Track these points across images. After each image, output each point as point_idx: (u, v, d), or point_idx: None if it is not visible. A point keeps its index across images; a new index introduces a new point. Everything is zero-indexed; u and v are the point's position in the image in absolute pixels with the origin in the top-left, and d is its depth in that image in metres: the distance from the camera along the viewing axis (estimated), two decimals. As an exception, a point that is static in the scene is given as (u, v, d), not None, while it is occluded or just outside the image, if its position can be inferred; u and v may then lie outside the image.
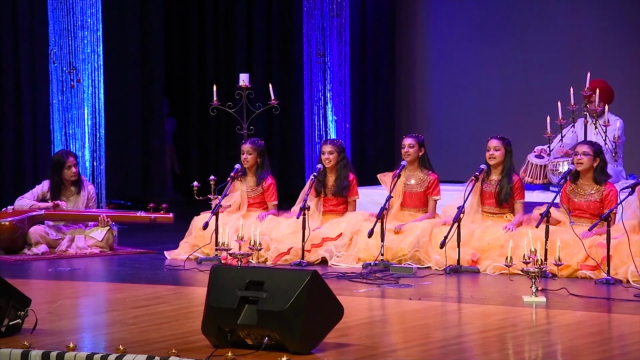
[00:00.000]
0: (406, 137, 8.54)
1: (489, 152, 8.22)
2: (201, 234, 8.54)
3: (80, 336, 5.76)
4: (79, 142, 9.70)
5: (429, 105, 12.99)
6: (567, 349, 5.43)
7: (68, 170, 9.06)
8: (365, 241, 8.14)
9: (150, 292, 7.07)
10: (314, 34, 11.85)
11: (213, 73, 13.34)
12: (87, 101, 9.70)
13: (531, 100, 12.01)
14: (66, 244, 8.94)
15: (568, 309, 6.39)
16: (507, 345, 5.53)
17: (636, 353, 5.27)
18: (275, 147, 12.97)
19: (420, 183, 8.46)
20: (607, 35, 11.92)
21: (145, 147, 13.03)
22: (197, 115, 13.51)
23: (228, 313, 5.16)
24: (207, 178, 8.87)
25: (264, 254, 8.30)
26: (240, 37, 13.31)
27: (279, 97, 9.67)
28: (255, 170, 8.82)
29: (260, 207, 8.79)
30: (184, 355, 5.03)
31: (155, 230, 9.83)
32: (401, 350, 5.38)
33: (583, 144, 8.01)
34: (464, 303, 6.78)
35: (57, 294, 7.07)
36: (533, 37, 12.26)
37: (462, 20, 12.72)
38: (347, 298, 6.44)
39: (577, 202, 7.90)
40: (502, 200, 8.17)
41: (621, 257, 7.36)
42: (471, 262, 7.89)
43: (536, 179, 9.23)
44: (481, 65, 12.59)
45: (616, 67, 11.57)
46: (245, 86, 9.48)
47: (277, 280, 5.19)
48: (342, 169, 8.57)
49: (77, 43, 9.67)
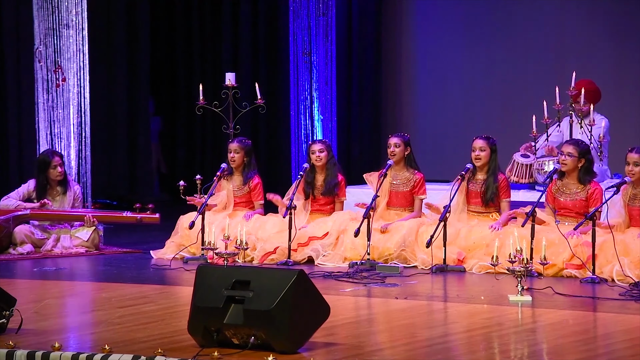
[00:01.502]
0: (392, 137, 8.55)
1: (474, 152, 8.24)
2: (187, 233, 8.53)
3: (65, 336, 5.74)
4: (65, 141, 9.67)
5: (415, 105, 13.00)
6: (553, 347, 5.45)
7: (54, 170, 9.03)
8: (352, 240, 8.14)
9: (136, 291, 7.06)
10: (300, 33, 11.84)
11: (199, 72, 13.32)
12: (72, 100, 9.66)
13: (517, 100, 12.04)
14: (51, 243, 8.92)
15: (553, 308, 6.41)
16: (493, 344, 5.55)
17: (621, 352, 5.29)
18: (262, 147, 12.95)
19: (406, 182, 8.47)
20: (593, 35, 11.95)
21: (131, 147, 13.00)
22: (183, 115, 13.48)
23: (214, 312, 5.16)
24: (193, 177, 8.86)
25: (250, 254, 8.29)
26: (226, 36, 13.30)
27: (265, 96, 9.66)
28: (241, 169, 8.81)
29: (246, 207, 8.78)
30: (170, 355, 5.02)
31: (141, 229, 9.81)
32: (387, 349, 5.39)
33: (569, 144, 8.03)
34: (450, 302, 6.79)
35: (42, 293, 7.05)
36: (518, 36, 12.29)
37: (447, 20, 12.74)
38: (334, 297, 6.45)
39: (563, 201, 7.93)
40: (488, 200, 8.18)
41: (606, 256, 7.39)
42: (457, 261, 7.90)
43: (522, 178, 9.26)
44: (467, 64, 12.61)
45: (601, 67, 11.60)
46: (232, 85, 9.47)
47: (263, 279, 5.19)
48: (331, 168, 8.58)
49: (62, 42, 9.64)
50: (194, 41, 13.50)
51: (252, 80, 11.06)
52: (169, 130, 13.83)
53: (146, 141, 13.19)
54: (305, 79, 11.99)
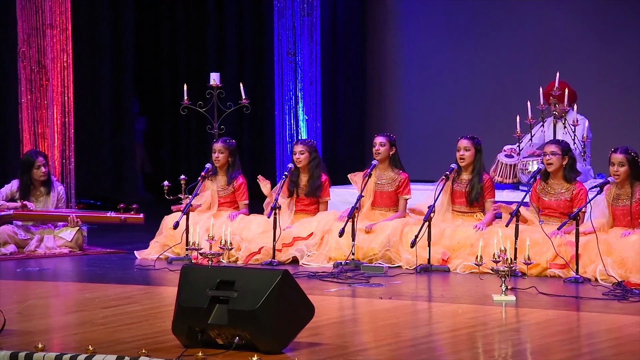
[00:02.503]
0: (377, 136, 8.56)
1: (459, 152, 8.26)
2: (172, 234, 8.51)
3: (49, 336, 5.72)
4: (49, 141, 9.64)
5: (399, 105, 13.02)
6: (537, 347, 5.46)
7: (37, 170, 9.00)
8: (336, 240, 8.14)
9: (120, 292, 7.04)
10: (284, 34, 11.85)
11: (184, 72, 13.30)
12: (56, 100, 9.63)
13: (501, 100, 12.07)
14: (35, 244, 8.89)
15: (537, 307, 6.43)
16: (477, 343, 5.56)
17: (604, 351, 5.31)
18: (246, 147, 12.95)
19: (391, 182, 8.48)
20: (576, 36, 12.00)
21: (115, 147, 12.96)
22: (168, 115, 13.46)
23: (198, 313, 5.15)
24: (177, 177, 8.85)
25: (235, 254, 8.29)
26: (211, 36, 13.29)
27: (249, 96, 9.65)
28: (226, 169, 8.80)
29: (231, 207, 8.77)
30: (154, 355, 5.01)
31: (125, 229, 9.79)
32: (372, 349, 5.39)
33: (550, 143, 8.07)
34: (435, 302, 6.81)
35: (25, 294, 7.02)
36: (503, 37, 12.33)
37: (432, 20, 12.77)
38: (318, 297, 6.45)
39: (547, 201, 7.95)
40: (472, 200, 8.20)
41: (590, 256, 7.41)
42: (441, 261, 7.92)
43: (506, 178, 9.29)
44: (451, 65, 12.64)
45: (584, 68, 11.66)
46: (216, 85, 9.46)
47: (247, 279, 5.18)
48: (314, 169, 8.57)
49: (46, 42, 9.60)
50: (179, 41, 13.47)
51: (236, 80, 11.04)
52: (154, 130, 13.80)
53: (130, 141, 13.16)
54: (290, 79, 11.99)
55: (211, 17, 13.29)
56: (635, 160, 7.51)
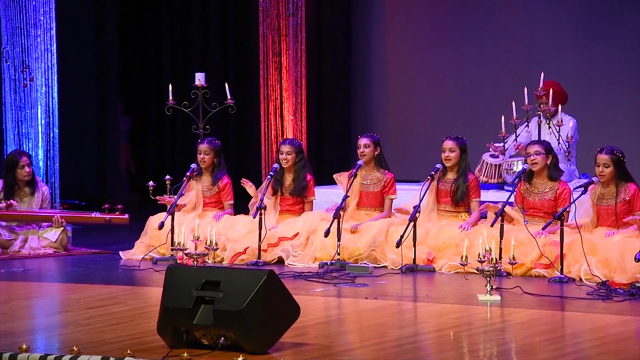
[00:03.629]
0: (362, 137, 8.56)
1: (444, 153, 8.27)
2: (157, 234, 8.49)
3: (33, 337, 5.70)
4: (32, 141, 9.60)
5: (384, 105, 13.03)
6: (521, 346, 5.48)
7: (21, 170, 8.97)
8: (322, 240, 8.14)
9: (105, 292, 7.02)
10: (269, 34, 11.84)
11: (169, 72, 13.27)
12: (40, 100, 9.60)
13: (486, 100, 12.10)
14: (19, 244, 8.85)
15: (522, 307, 6.45)
16: (462, 343, 5.57)
17: (588, 350, 5.33)
18: (231, 147, 12.94)
19: (377, 182, 8.49)
20: (561, 36, 12.04)
21: (100, 147, 12.93)
22: (153, 115, 13.43)
23: (184, 313, 5.14)
24: (162, 178, 8.83)
25: (220, 254, 8.28)
26: (196, 36, 13.26)
27: (235, 96, 9.64)
28: (211, 170, 8.79)
29: (216, 207, 8.76)
30: (139, 356, 5.00)
31: (110, 230, 9.76)
32: (357, 349, 5.40)
33: (533, 144, 8.12)
34: (420, 302, 6.82)
35: (10, 294, 6.99)
36: (487, 37, 12.36)
37: (417, 21, 12.79)
38: (304, 297, 6.45)
39: (532, 201, 7.98)
40: (458, 200, 8.22)
41: (574, 256, 7.44)
42: (427, 261, 7.93)
43: (491, 178, 9.31)
44: (436, 65, 12.66)
45: (569, 68, 11.69)
46: (201, 85, 9.44)
47: (233, 280, 5.18)
48: (300, 170, 8.57)
49: (30, 41, 9.57)
50: (164, 41, 13.45)
51: (222, 80, 11.03)
52: (139, 130, 13.77)
53: (115, 141, 13.13)
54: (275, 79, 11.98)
55: (196, 17, 13.26)
56: (620, 161, 7.54)
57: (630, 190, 7.55)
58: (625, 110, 11.73)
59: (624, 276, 7.10)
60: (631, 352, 5.24)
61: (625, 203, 7.55)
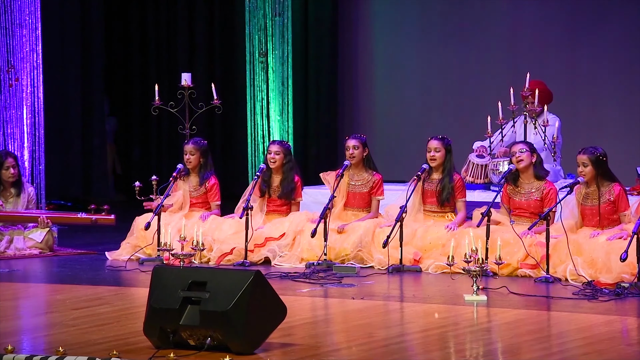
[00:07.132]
0: (350, 139, 8.55)
1: (429, 153, 8.28)
2: (143, 234, 8.48)
3: (19, 338, 5.68)
4: (18, 142, 9.57)
5: (371, 105, 13.05)
6: (508, 346, 5.50)
7: (6, 171, 8.93)
8: (309, 241, 8.14)
9: (91, 293, 7.01)
10: (256, 34, 11.84)
11: (155, 72, 13.25)
12: (26, 100, 9.57)
13: (472, 100, 12.13)
14: (4, 245, 8.82)
15: (508, 307, 6.47)
16: (449, 343, 5.58)
17: (574, 350, 5.35)
18: (218, 147, 12.92)
19: (365, 183, 8.49)
20: (546, 37, 12.08)
21: (85, 147, 12.89)
22: (139, 115, 13.40)
23: (170, 314, 5.13)
24: (149, 178, 8.81)
25: (207, 254, 8.27)
26: (182, 36, 13.25)
27: (221, 96, 9.63)
28: (198, 170, 8.78)
29: (202, 207, 8.75)
30: (126, 357, 4.99)
31: (96, 230, 9.73)
32: (344, 350, 5.40)
33: (517, 143, 8.16)
34: (406, 302, 6.83)
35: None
36: (473, 37, 12.39)
37: (403, 20, 12.81)
38: (291, 298, 6.45)
39: (518, 201, 8.00)
40: (443, 200, 8.23)
41: (560, 256, 7.46)
42: (413, 261, 7.94)
43: (477, 179, 9.33)
44: (423, 65, 12.69)
45: (554, 68, 11.74)
46: (188, 85, 9.43)
47: (219, 280, 5.17)
48: (288, 171, 8.56)
49: (15, 41, 9.53)
50: (150, 41, 13.43)
51: (208, 80, 11.01)
52: (124, 130, 13.74)
53: (101, 142, 13.10)
54: (262, 79, 11.98)
55: (182, 17, 13.24)
56: (599, 160, 7.56)
57: (615, 190, 7.58)
58: (610, 109, 11.79)
59: (609, 276, 7.13)
60: (616, 352, 5.26)
61: (610, 203, 7.58)
